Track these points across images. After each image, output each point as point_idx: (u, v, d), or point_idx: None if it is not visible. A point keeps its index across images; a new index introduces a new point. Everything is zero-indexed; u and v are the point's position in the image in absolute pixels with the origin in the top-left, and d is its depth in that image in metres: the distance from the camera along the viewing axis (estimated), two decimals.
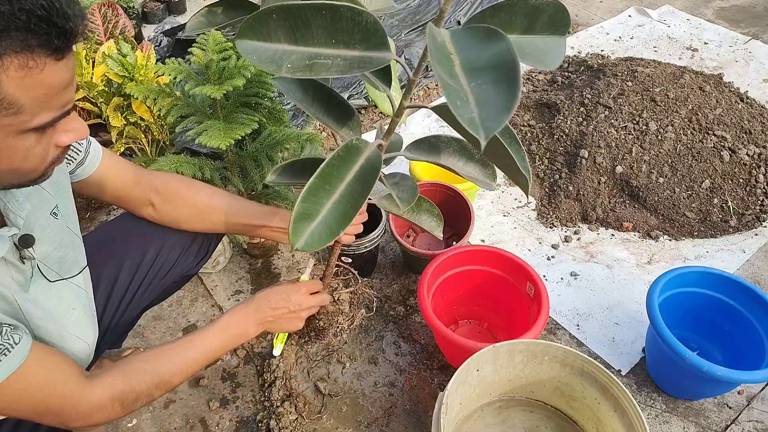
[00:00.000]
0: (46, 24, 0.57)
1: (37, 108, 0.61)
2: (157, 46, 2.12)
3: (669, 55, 2.46)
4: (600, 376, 1.06)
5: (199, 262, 1.14)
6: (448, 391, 0.99)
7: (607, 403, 1.06)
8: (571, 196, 1.78)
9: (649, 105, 1.84)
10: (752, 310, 1.25)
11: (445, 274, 1.35)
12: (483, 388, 1.15)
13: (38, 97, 0.60)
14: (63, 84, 0.62)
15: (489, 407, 1.18)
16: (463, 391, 1.08)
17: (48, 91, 0.61)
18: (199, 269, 1.17)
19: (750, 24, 2.74)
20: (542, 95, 2.19)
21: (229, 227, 1.08)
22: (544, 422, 1.17)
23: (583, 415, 1.13)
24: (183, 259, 1.09)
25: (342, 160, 0.70)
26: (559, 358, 1.10)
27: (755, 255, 1.62)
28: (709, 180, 1.70)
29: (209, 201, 1.05)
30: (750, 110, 1.89)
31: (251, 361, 1.39)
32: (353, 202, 0.68)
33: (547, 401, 1.18)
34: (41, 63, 0.59)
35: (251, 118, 1.29)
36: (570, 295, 1.54)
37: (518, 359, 1.12)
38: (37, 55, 0.58)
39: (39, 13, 0.56)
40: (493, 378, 1.13)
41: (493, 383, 1.15)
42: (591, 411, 1.11)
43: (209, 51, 1.27)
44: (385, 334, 1.45)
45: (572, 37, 2.63)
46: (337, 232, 0.67)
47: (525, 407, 1.19)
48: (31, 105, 0.60)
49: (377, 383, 1.34)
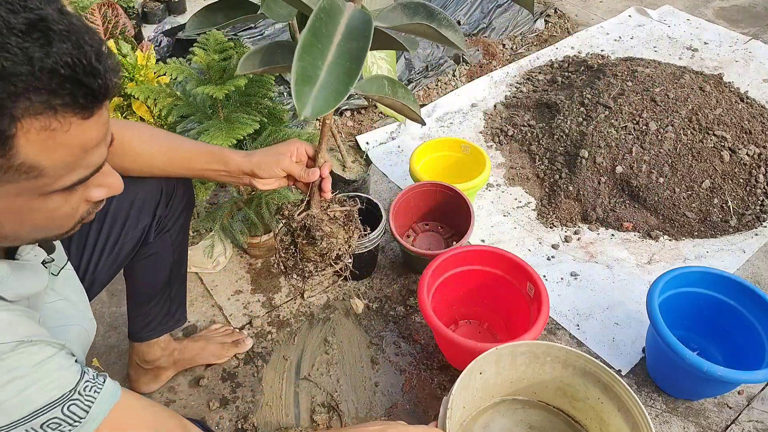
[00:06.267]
0: (71, 83, 0.51)
1: (61, 170, 0.55)
2: (157, 46, 2.12)
3: (669, 55, 2.46)
4: (603, 376, 1.06)
5: (168, 204, 1.07)
6: (453, 396, 0.98)
7: (610, 402, 1.06)
8: (571, 196, 1.78)
9: (649, 105, 1.84)
10: (752, 310, 1.25)
11: (445, 274, 1.36)
12: (485, 391, 1.14)
13: (62, 159, 0.54)
14: (92, 143, 0.57)
15: (492, 409, 1.18)
16: (467, 394, 1.08)
17: (74, 152, 0.55)
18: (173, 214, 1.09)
19: (750, 24, 2.74)
20: (542, 95, 2.19)
21: (171, 173, 1.00)
22: (547, 423, 1.17)
23: (587, 415, 1.13)
24: (147, 203, 1.02)
25: (326, 13, 0.69)
26: (561, 358, 1.10)
27: (755, 255, 1.63)
28: (709, 180, 1.70)
29: (148, 149, 0.96)
30: (750, 110, 1.89)
31: (251, 361, 1.39)
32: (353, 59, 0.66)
33: (549, 402, 1.18)
34: (66, 123, 0.52)
35: (252, 118, 1.30)
36: (570, 295, 1.54)
37: (520, 361, 1.12)
38: (62, 116, 0.52)
39: (63, 72, 0.50)
40: (495, 380, 1.13)
41: (495, 385, 1.14)
42: (594, 411, 1.10)
43: (210, 51, 1.27)
44: (385, 334, 1.45)
45: (572, 37, 2.63)
46: (344, 92, 0.64)
47: (527, 408, 1.19)
48: (55, 168, 0.54)
49: (377, 383, 1.34)
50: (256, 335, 1.45)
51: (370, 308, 1.51)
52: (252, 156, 0.98)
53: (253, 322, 1.48)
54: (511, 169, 1.94)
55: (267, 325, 1.48)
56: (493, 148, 2.04)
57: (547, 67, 2.42)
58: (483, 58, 2.46)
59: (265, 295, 1.55)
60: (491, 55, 2.48)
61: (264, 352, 1.42)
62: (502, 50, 2.53)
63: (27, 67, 0.49)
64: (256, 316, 1.50)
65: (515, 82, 2.35)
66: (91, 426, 0.62)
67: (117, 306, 1.50)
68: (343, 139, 2.02)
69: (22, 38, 0.48)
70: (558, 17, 2.77)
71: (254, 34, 2.25)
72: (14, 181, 0.53)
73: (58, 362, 0.61)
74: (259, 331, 1.46)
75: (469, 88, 2.29)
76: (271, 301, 1.54)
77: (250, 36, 2.24)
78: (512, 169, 1.94)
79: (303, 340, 1.44)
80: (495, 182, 1.90)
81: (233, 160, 0.97)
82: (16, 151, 0.51)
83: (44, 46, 0.49)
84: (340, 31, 0.68)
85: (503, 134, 2.08)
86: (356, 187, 1.66)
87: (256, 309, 1.52)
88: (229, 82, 1.23)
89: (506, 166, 1.96)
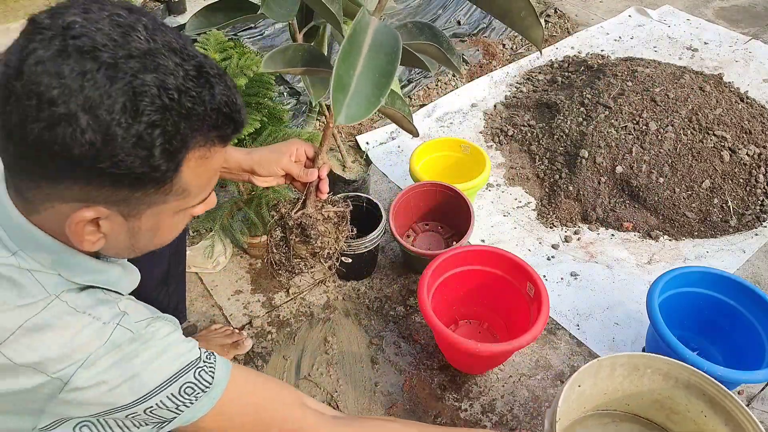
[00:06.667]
0: (227, 120, 0.60)
1: (199, 190, 0.64)
2: None
3: (669, 55, 2.46)
4: (709, 389, 1.03)
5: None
6: (560, 408, 0.97)
7: (715, 416, 1.03)
8: (571, 196, 1.78)
9: (649, 105, 1.84)
10: (752, 310, 1.25)
11: (445, 274, 1.36)
12: (579, 402, 1.12)
13: (203, 181, 0.64)
14: (220, 166, 0.66)
15: (583, 422, 1.16)
16: (565, 406, 1.05)
17: (212, 174, 0.65)
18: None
19: (750, 24, 2.74)
20: (542, 95, 2.19)
21: None
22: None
23: (685, 428, 1.10)
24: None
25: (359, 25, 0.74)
26: (662, 370, 1.08)
27: (755, 255, 1.63)
28: (709, 180, 1.70)
29: None
30: (750, 110, 1.89)
31: (251, 361, 1.39)
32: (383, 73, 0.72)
33: (642, 414, 1.16)
34: (214, 152, 0.62)
35: (253, 117, 1.30)
36: (570, 295, 1.54)
37: (618, 372, 1.09)
38: (213, 146, 0.61)
39: (224, 111, 0.59)
40: (591, 392, 1.11)
41: (589, 397, 1.12)
42: (695, 424, 1.08)
43: (210, 51, 1.27)
44: (385, 334, 1.45)
45: (572, 37, 2.63)
46: (376, 102, 0.70)
47: (618, 420, 1.17)
48: (197, 188, 0.64)
49: (377, 383, 1.34)
50: (256, 335, 1.45)
51: (370, 308, 1.51)
52: (252, 153, 0.99)
53: (253, 322, 1.48)
54: (511, 169, 1.94)
55: (267, 325, 1.48)
56: (493, 148, 2.04)
57: (547, 67, 2.42)
58: (483, 58, 2.46)
59: (265, 295, 1.55)
60: (491, 55, 2.48)
61: (264, 352, 1.42)
62: (502, 50, 2.53)
63: (202, 107, 0.57)
64: (256, 316, 1.50)
65: (515, 82, 2.35)
66: (218, 390, 0.69)
67: None
68: (343, 139, 2.02)
69: (195, 83, 0.57)
70: (558, 17, 2.77)
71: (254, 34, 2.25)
72: (168, 202, 0.62)
73: (178, 335, 0.69)
74: (259, 331, 1.46)
75: (469, 88, 2.29)
76: (271, 301, 1.54)
77: (250, 36, 2.25)
78: (512, 169, 1.94)
79: (303, 340, 1.44)
80: (495, 182, 1.90)
81: (233, 157, 0.99)
82: (180, 176, 0.60)
83: (210, 89, 0.58)
84: (367, 43, 0.73)
85: (503, 134, 2.08)
86: (356, 187, 1.66)
87: (256, 309, 1.52)
88: None
89: (506, 166, 1.96)
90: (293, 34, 1.10)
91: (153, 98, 0.54)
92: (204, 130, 0.59)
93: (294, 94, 2.09)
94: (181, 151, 0.57)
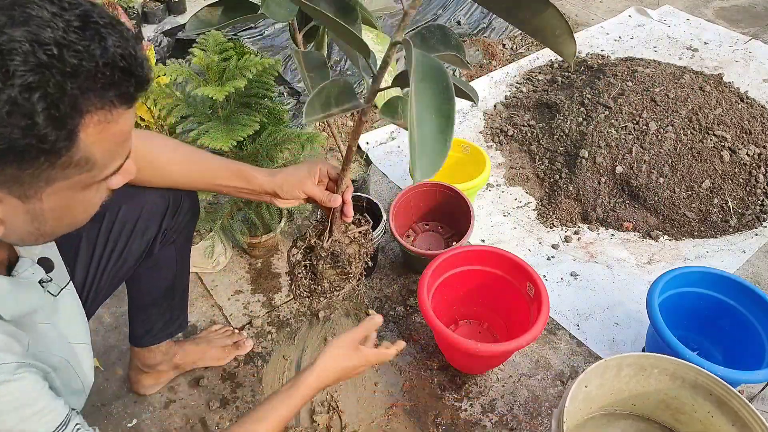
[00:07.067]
0: (126, 75, 0.53)
1: (107, 160, 0.57)
2: (157, 46, 2.12)
3: (669, 55, 2.46)
4: (716, 389, 1.03)
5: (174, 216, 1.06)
6: (567, 409, 0.96)
7: (723, 417, 1.04)
8: (571, 196, 1.78)
9: (649, 105, 1.84)
10: (752, 310, 1.25)
11: (445, 274, 1.36)
12: (585, 403, 1.12)
13: (110, 148, 0.56)
14: (129, 131, 0.59)
15: (588, 422, 1.16)
16: (571, 407, 1.05)
17: (119, 140, 0.57)
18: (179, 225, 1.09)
19: (750, 24, 2.74)
20: (542, 95, 2.19)
21: (191, 187, 1.01)
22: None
23: (692, 428, 1.10)
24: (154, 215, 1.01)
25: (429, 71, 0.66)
26: (669, 371, 1.08)
27: (755, 255, 1.63)
28: (709, 180, 1.70)
29: (172, 160, 0.96)
30: (750, 110, 1.89)
31: (251, 362, 1.39)
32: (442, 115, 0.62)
33: (648, 415, 1.16)
34: (116, 114, 0.54)
35: (252, 118, 1.29)
36: (570, 295, 1.54)
37: (625, 372, 1.09)
38: (114, 108, 0.54)
39: (121, 65, 0.52)
40: (597, 392, 1.11)
41: (595, 397, 1.12)
42: (702, 425, 1.08)
43: (210, 51, 1.27)
44: (385, 334, 1.45)
45: None
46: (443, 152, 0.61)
47: (624, 420, 1.17)
48: (103, 158, 0.56)
49: (377, 383, 1.34)
50: (256, 335, 1.45)
51: (370, 308, 1.51)
52: (275, 176, 0.97)
53: (253, 322, 1.48)
54: (511, 169, 1.94)
55: (267, 325, 1.48)
56: (493, 148, 2.04)
57: (547, 67, 2.42)
58: (483, 58, 2.46)
59: (265, 295, 1.55)
60: (491, 55, 2.48)
61: (264, 352, 1.42)
62: (502, 50, 2.53)
63: (92, 63, 0.49)
64: (256, 316, 1.50)
65: (515, 82, 2.35)
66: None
67: (117, 306, 1.50)
68: (343, 139, 2.02)
69: (79, 35, 0.49)
70: None
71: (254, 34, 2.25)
72: (70, 177, 0.54)
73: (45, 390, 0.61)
74: (259, 331, 1.46)
75: None
76: (271, 301, 1.54)
77: (250, 36, 2.24)
78: (512, 169, 1.94)
79: (303, 340, 1.44)
80: (495, 182, 1.90)
81: (256, 179, 0.97)
82: (78, 146, 0.52)
83: (100, 41, 0.50)
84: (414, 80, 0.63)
85: (503, 134, 2.08)
86: (356, 187, 1.66)
87: (256, 309, 1.52)
88: (229, 83, 1.23)
89: (506, 166, 1.96)
90: (293, 34, 1.10)
91: (26, 56, 0.46)
92: (98, 90, 0.51)
93: (294, 94, 2.09)
94: (72, 117, 0.50)
